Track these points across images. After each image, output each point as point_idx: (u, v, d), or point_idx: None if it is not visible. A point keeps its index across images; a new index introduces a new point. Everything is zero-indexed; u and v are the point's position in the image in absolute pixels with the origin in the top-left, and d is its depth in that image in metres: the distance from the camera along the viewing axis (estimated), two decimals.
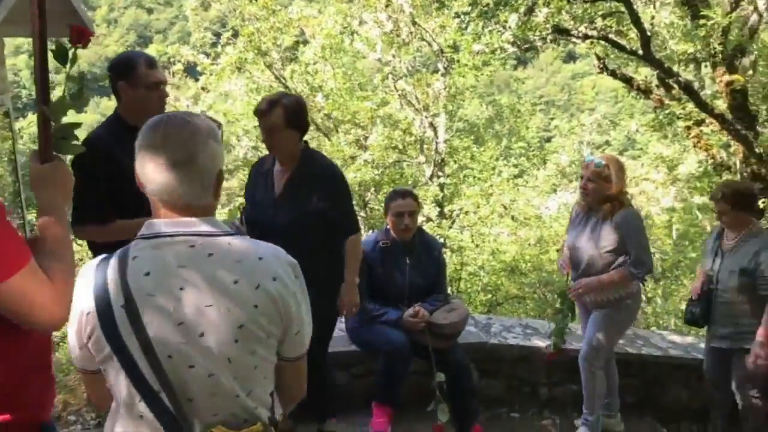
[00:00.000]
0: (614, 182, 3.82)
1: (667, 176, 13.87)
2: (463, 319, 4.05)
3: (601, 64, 10.70)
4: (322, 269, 3.59)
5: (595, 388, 4.20)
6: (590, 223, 3.97)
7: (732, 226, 4.08)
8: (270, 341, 1.59)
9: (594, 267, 3.93)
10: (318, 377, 3.74)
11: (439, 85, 11.95)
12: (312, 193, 3.42)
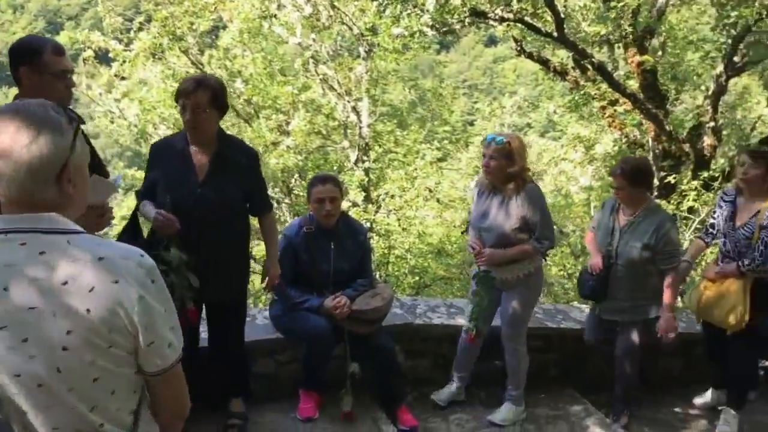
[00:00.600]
0: (516, 160, 3.91)
1: (585, 156, 14.27)
2: (387, 303, 4.08)
3: (518, 47, 10.90)
4: (243, 249, 3.63)
5: (519, 365, 4.32)
6: (496, 201, 4.03)
7: (628, 201, 4.22)
8: (114, 351, 1.47)
9: (504, 244, 4.01)
10: (229, 361, 3.75)
11: (361, 69, 11.88)
12: (235, 173, 3.44)
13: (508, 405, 4.38)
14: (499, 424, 4.30)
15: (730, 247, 4.29)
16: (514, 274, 4.09)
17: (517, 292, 4.15)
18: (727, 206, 4.33)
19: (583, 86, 10.83)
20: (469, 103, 51.35)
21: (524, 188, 3.95)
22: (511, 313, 4.19)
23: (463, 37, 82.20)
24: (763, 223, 4.08)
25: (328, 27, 12.03)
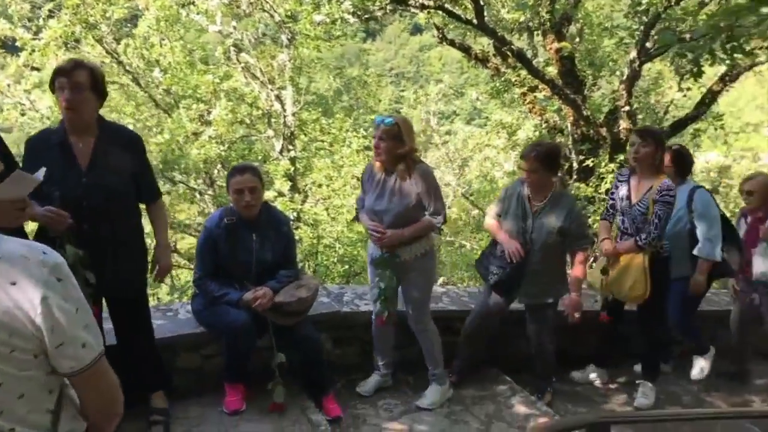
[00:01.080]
0: (406, 141, 3.97)
1: (508, 141, 14.56)
2: (311, 294, 4.06)
3: (440, 35, 10.96)
4: (138, 239, 3.59)
5: (433, 344, 4.41)
6: (390, 182, 4.07)
7: (538, 186, 4.32)
8: (17, 356, 1.40)
9: (402, 224, 4.06)
10: (141, 356, 3.66)
11: (284, 57, 11.75)
12: (119, 159, 3.35)
13: (434, 386, 4.45)
14: (428, 408, 4.36)
15: (629, 224, 4.51)
16: (413, 253, 4.16)
17: (416, 273, 4.22)
18: (623, 185, 4.53)
19: (503, 73, 11.01)
20: (396, 91, 51.60)
21: (415, 168, 4.03)
22: (415, 296, 4.28)
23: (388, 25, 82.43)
24: (655, 197, 4.31)
25: (249, 14, 11.82)
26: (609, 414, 2.35)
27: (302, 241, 10.33)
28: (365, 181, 4.23)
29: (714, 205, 4.97)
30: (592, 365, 5.22)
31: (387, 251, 4.12)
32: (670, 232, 4.68)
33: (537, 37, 11.78)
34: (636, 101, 11.19)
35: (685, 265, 4.87)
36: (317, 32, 9.89)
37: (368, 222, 4.16)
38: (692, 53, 3.00)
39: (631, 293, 4.46)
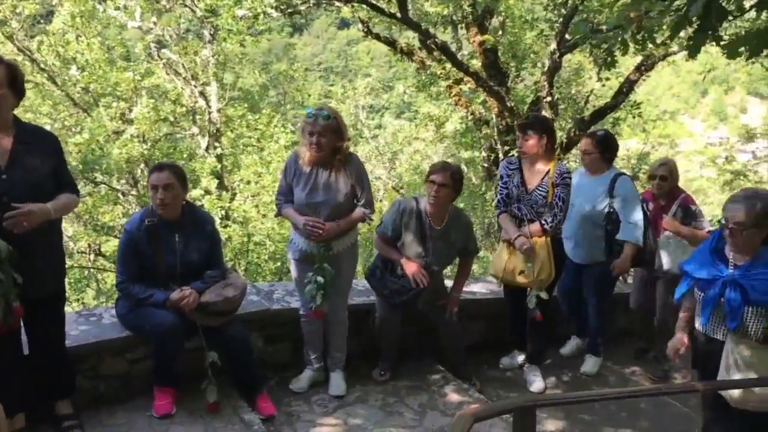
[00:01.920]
0: (344, 134, 4.00)
1: (436, 134, 14.72)
2: (239, 293, 3.99)
3: (365, 28, 10.98)
4: (58, 239, 3.53)
5: (345, 334, 4.50)
6: (323, 175, 4.05)
7: (443, 206, 4.34)
8: None
9: (336, 216, 4.06)
10: (53, 361, 3.56)
11: (207, 52, 11.52)
12: (39, 154, 3.26)
13: (338, 373, 4.49)
14: (340, 395, 4.40)
15: (527, 210, 4.59)
16: (344, 245, 4.19)
17: (345, 264, 4.26)
18: (515, 173, 4.60)
19: (429, 66, 11.13)
20: (325, 85, 51.46)
21: (349, 159, 4.06)
22: (343, 286, 4.32)
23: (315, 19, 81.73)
24: (556, 181, 4.45)
25: (169, 9, 11.53)
26: (535, 397, 2.41)
27: (232, 239, 10.18)
28: (290, 175, 4.15)
29: (636, 191, 5.10)
30: (516, 351, 5.28)
31: (323, 245, 4.10)
32: (587, 218, 4.85)
33: (461, 30, 11.96)
34: (557, 92, 11.51)
35: (600, 252, 5.00)
36: (240, 27, 9.73)
37: (298, 217, 4.07)
38: (605, 44, 3.08)
39: (539, 277, 4.56)
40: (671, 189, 5.09)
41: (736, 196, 3.12)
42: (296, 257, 4.26)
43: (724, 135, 18.01)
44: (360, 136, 18.05)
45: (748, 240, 3.04)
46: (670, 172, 5.08)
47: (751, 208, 2.99)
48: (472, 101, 11.57)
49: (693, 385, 3.48)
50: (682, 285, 3.45)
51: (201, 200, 10.11)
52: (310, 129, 3.91)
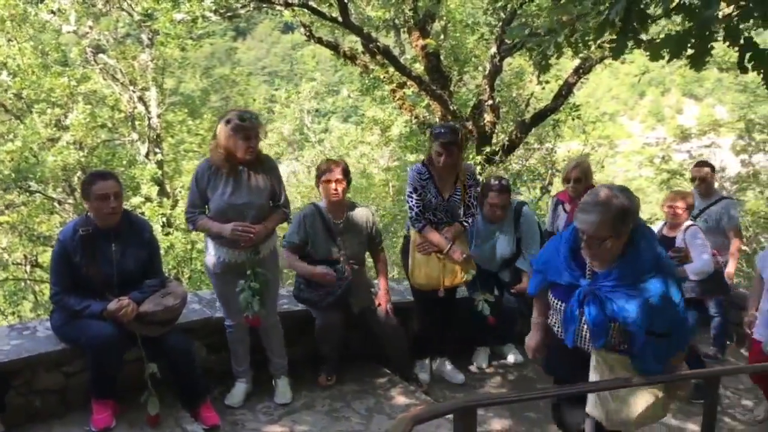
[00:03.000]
0: (262, 135, 4.00)
1: (381, 137, 14.76)
2: (179, 302, 3.92)
3: (307, 32, 10.94)
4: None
5: (281, 337, 4.47)
6: (242, 177, 3.99)
7: (342, 202, 4.52)
8: None
9: (261, 218, 4.02)
10: None
11: (146, 57, 11.28)
12: None
13: (283, 380, 4.45)
14: (286, 402, 4.36)
15: (443, 215, 4.66)
16: (269, 248, 4.17)
17: (271, 267, 4.21)
18: (428, 183, 4.58)
19: (372, 70, 11.15)
20: (270, 89, 51.08)
21: (263, 159, 4.06)
22: (272, 290, 4.28)
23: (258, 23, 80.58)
24: (467, 182, 4.61)
25: (105, 13, 11.25)
26: (476, 398, 2.43)
27: (174, 247, 9.98)
28: (204, 183, 4.00)
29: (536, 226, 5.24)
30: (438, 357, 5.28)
31: (251, 250, 4.04)
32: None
33: (404, 34, 12.02)
34: (499, 95, 11.68)
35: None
36: (178, 31, 9.55)
37: (222, 225, 3.95)
38: (539, 47, 3.14)
39: (458, 277, 4.67)
40: (587, 189, 4.94)
41: (585, 204, 2.74)
42: (218, 270, 4.14)
43: (662, 135, 18.52)
44: (306, 141, 17.95)
45: (605, 251, 2.74)
46: (584, 173, 5.05)
47: (605, 218, 2.65)
48: (415, 105, 11.65)
49: (630, 379, 3.56)
50: (534, 280, 3.24)
51: (141, 208, 9.90)
52: (246, 132, 3.85)
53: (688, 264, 5.04)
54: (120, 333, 3.70)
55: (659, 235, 5.31)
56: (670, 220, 5.24)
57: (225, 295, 4.21)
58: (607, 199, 2.66)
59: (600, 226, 2.65)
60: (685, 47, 1.95)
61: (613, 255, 2.75)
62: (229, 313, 4.28)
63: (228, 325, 4.33)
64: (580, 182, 5.02)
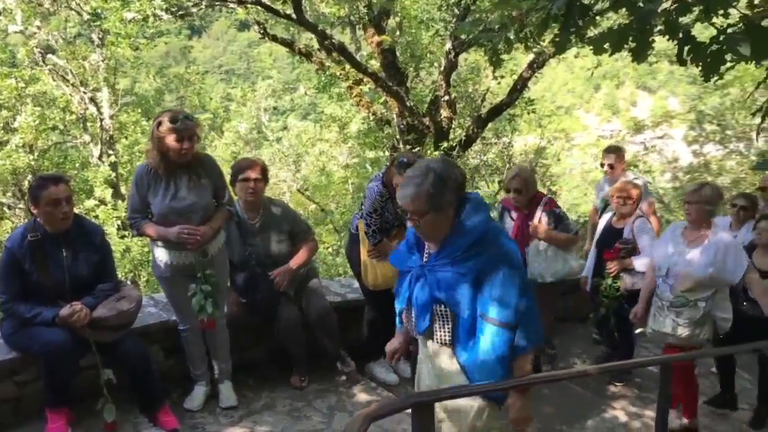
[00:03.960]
0: (200, 136, 3.95)
1: (339, 135, 14.73)
2: (134, 306, 3.86)
3: (261, 30, 10.85)
4: None
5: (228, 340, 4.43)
6: (183, 179, 3.91)
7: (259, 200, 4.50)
8: None
9: (207, 218, 3.97)
10: None
11: (96, 57, 11.05)
12: None
13: (227, 384, 4.40)
14: (232, 405, 4.32)
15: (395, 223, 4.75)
16: (216, 248, 4.12)
17: (219, 269, 4.16)
18: (387, 204, 4.64)
19: (328, 67, 11.12)
20: (227, 88, 50.61)
21: (203, 159, 4.02)
22: (222, 293, 4.24)
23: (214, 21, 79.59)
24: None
25: (53, 13, 10.98)
26: (432, 393, 2.44)
27: (130, 250, 9.82)
28: (144, 187, 3.91)
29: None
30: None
31: (199, 252, 3.98)
32: None
33: (359, 31, 12.01)
34: (455, 90, 11.75)
35: None
36: (129, 30, 9.37)
37: (167, 228, 3.88)
38: (490, 43, 3.16)
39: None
40: (533, 199, 4.97)
41: (405, 179, 2.57)
42: (166, 274, 4.07)
43: (617, 128, 18.89)
44: (264, 139, 17.80)
45: (428, 227, 2.55)
46: (525, 184, 4.94)
47: (420, 191, 2.48)
48: (373, 101, 11.65)
49: (585, 370, 3.65)
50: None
51: (95, 211, 9.70)
52: (182, 134, 3.77)
53: (635, 256, 5.05)
54: (73, 339, 3.63)
55: (607, 226, 5.32)
56: (619, 210, 5.23)
57: (176, 298, 4.15)
58: (422, 172, 2.51)
59: (416, 201, 2.48)
60: (627, 40, 2.00)
61: (440, 231, 2.56)
62: (181, 316, 4.22)
63: (181, 329, 4.28)
64: (520, 193, 4.94)
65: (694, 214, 4.37)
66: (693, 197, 4.38)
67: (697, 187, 4.49)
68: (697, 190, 4.42)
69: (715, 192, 4.45)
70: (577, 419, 4.72)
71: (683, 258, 4.36)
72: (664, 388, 3.73)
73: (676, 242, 4.48)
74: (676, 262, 4.39)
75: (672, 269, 4.40)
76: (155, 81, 14.54)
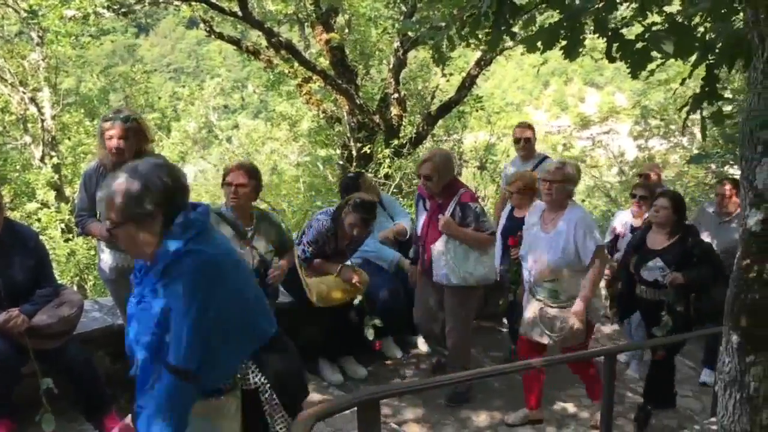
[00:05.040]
0: (149, 136, 3.89)
1: (290, 133, 14.64)
2: (75, 311, 3.76)
3: (207, 27, 10.70)
4: None
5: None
6: None
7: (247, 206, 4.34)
8: None
9: None
10: None
11: (36, 56, 10.73)
12: None
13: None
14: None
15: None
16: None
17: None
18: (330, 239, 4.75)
19: (276, 65, 11.03)
20: (176, 87, 49.78)
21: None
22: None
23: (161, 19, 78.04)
24: None
25: None
26: (377, 390, 2.45)
27: (76, 253, 9.58)
28: (93, 185, 3.84)
29: None
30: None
31: None
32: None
33: (308, 28, 11.94)
34: (404, 88, 11.79)
35: None
36: (69, 28, 9.11)
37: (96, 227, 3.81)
38: (432, 41, 3.18)
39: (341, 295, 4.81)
40: (448, 184, 4.51)
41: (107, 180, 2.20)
42: (112, 276, 4.02)
43: (566, 123, 19.25)
44: (215, 138, 17.57)
45: (125, 240, 2.17)
46: (435, 170, 4.43)
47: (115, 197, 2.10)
48: (323, 99, 11.61)
49: (529, 363, 3.71)
50: None
51: (38, 214, 9.44)
52: (108, 133, 3.72)
53: None
54: (11, 348, 3.51)
55: (509, 216, 5.30)
56: (517, 201, 5.18)
57: (122, 301, 4.06)
58: (126, 175, 2.11)
59: (109, 206, 2.09)
60: (558, 38, 2.04)
61: (140, 248, 2.14)
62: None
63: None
64: (430, 180, 4.45)
65: (556, 194, 4.14)
66: (556, 175, 4.12)
67: (560, 166, 4.25)
68: (560, 168, 4.18)
69: (577, 171, 4.30)
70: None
71: (541, 243, 4.19)
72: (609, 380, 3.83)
73: (534, 225, 4.31)
74: (535, 247, 4.24)
75: (530, 255, 4.25)
76: (99, 80, 14.21)
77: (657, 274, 4.54)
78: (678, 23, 1.96)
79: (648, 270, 4.59)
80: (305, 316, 4.92)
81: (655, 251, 4.59)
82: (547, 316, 4.18)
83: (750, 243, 2.40)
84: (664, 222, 4.57)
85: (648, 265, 4.59)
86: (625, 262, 4.87)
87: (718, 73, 2.20)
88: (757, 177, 2.33)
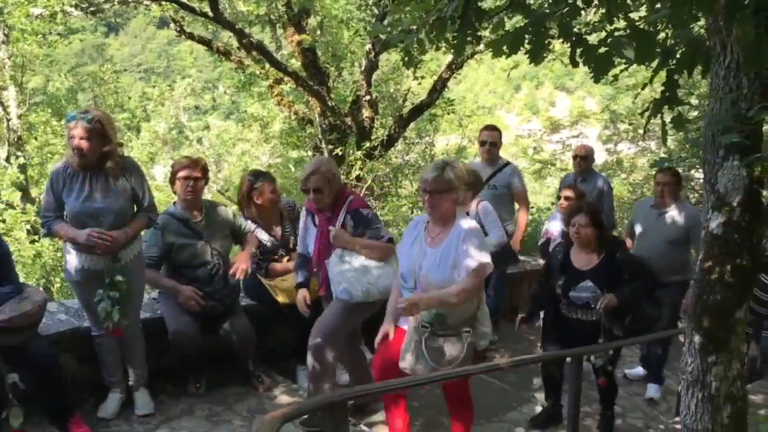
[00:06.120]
0: (111, 137, 3.81)
1: (261, 134, 14.59)
2: (36, 307, 3.71)
3: (178, 28, 10.62)
4: None
5: (143, 349, 4.37)
6: (98, 181, 3.83)
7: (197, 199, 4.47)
8: None
9: (120, 225, 3.87)
10: None
11: (1, 54, 10.56)
12: None
13: (143, 391, 4.31)
14: (149, 413, 4.23)
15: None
16: (131, 254, 4.02)
17: (134, 275, 4.04)
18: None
19: (247, 66, 11.00)
20: (146, 87, 49.27)
21: (125, 163, 3.93)
22: (135, 299, 4.15)
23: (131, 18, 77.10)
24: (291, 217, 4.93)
25: None
26: (344, 392, 2.46)
27: (42, 255, 9.43)
28: (59, 186, 3.82)
29: None
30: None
31: (111, 257, 3.86)
32: None
33: (279, 29, 11.92)
34: (376, 90, 11.83)
35: None
36: (36, 26, 8.96)
37: (77, 230, 3.77)
38: (402, 44, 3.21)
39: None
40: (336, 194, 4.10)
41: None
42: (78, 278, 3.97)
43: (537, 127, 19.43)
44: (185, 139, 17.43)
45: None
46: (325, 182, 4.01)
47: None
48: (294, 101, 11.60)
49: (498, 364, 3.74)
50: None
51: (2, 215, 9.26)
52: (72, 132, 3.70)
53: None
54: None
55: None
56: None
57: (88, 303, 4.02)
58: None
59: None
60: (523, 42, 2.07)
61: None
62: (94, 322, 4.09)
63: (95, 335, 4.15)
64: (321, 193, 4.04)
65: (441, 205, 3.46)
66: (437, 185, 3.41)
67: (438, 172, 3.44)
68: (439, 175, 3.42)
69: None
70: (495, 413, 4.86)
71: (426, 262, 3.52)
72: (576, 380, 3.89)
73: (418, 242, 3.62)
74: (420, 267, 3.53)
75: (418, 278, 3.54)
76: (67, 80, 14.00)
77: (588, 296, 4.32)
78: (639, 29, 2.01)
79: (577, 291, 4.36)
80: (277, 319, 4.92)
81: (584, 272, 4.37)
82: (434, 346, 3.46)
83: (712, 245, 2.46)
84: (586, 241, 4.37)
85: (578, 287, 4.35)
86: (550, 284, 4.58)
87: (678, 78, 2.26)
88: (719, 180, 2.40)
